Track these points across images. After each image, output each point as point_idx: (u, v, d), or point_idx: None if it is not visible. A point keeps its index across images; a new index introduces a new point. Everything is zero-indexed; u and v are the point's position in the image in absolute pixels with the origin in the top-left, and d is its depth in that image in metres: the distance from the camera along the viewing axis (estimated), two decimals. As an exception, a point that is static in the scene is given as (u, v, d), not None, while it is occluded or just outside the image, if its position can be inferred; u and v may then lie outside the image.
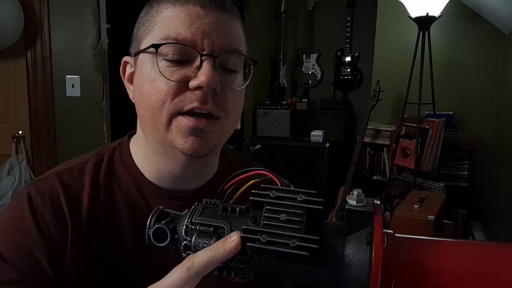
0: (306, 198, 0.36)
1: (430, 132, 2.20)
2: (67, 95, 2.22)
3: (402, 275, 0.32)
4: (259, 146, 2.94)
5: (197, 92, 0.53)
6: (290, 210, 0.35)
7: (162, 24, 0.54)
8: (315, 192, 0.36)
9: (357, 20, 3.31)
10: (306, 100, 3.42)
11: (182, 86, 0.53)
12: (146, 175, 0.62)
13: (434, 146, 2.19)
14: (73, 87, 2.22)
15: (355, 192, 0.35)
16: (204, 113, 0.54)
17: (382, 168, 2.77)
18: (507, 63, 2.39)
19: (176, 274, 0.40)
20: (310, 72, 3.63)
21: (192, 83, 0.52)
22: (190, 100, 0.53)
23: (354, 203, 0.35)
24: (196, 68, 0.53)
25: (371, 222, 0.33)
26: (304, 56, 3.61)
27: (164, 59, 0.53)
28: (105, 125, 2.25)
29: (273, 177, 0.40)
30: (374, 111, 2.56)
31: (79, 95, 2.22)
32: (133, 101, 0.60)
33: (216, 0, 0.55)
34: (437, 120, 2.20)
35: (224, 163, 0.70)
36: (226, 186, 0.43)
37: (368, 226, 0.33)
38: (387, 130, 2.67)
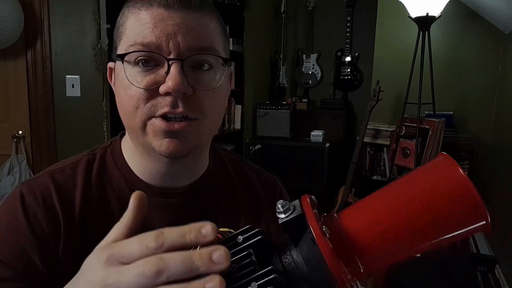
0: (245, 236, 0.36)
1: (430, 132, 2.20)
2: (67, 95, 2.22)
3: (347, 249, 0.34)
4: (259, 146, 2.94)
5: (167, 98, 0.53)
6: (238, 257, 0.35)
7: (129, 30, 0.54)
8: (249, 226, 0.36)
9: (357, 20, 3.31)
10: (306, 100, 3.42)
11: (153, 92, 0.53)
12: (137, 174, 0.62)
13: (434, 146, 2.19)
14: (73, 87, 2.21)
15: (279, 205, 0.35)
16: (177, 116, 0.54)
17: (382, 168, 2.77)
18: (507, 63, 2.39)
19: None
20: (310, 72, 3.63)
21: (161, 89, 0.52)
22: (161, 106, 0.53)
23: (283, 216, 0.35)
24: (165, 73, 0.52)
25: (306, 221, 0.33)
26: (304, 56, 3.62)
27: (135, 65, 0.53)
28: (105, 125, 2.25)
29: None
30: (374, 111, 2.56)
31: (79, 95, 2.22)
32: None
33: (181, 0, 0.53)
34: (437, 120, 2.20)
35: (216, 161, 0.71)
36: None
37: (307, 226, 0.34)
38: (387, 130, 2.67)
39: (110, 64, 0.62)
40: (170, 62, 0.52)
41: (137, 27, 0.53)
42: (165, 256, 0.32)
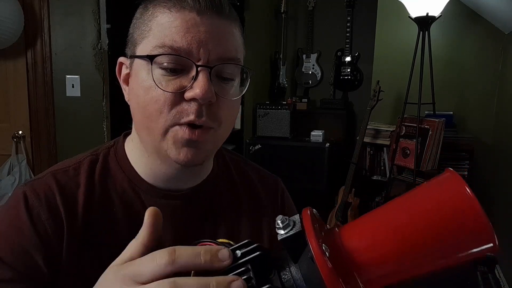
0: (243, 251, 0.35)
1: (430, 132, 2.20)
2: (67, 95, 2.22)
3: (350, 267, 0.33)
4: (259, 146, 2.94)
5: (193, 104, 0.52)
6: (235, 272, 0.35)
7: (157, 30, 0.52)
8: (248, 240, 0.36)
9: (357, 20, 3.31)
10: (306, 100, 3.42)
11: (178, 97, 0.52)
12: (141, 175, 0.62)
13: (434, 146, 2.19)
14: (73, 87, 2.21)
15: (278, 221, 0.34)
16: (199, 125, 0.54)
17: (382, 168, 2.77)
18: (507, 63, 2.39)
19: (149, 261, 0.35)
20: (310, 72, 3.63)
21: (187, 95, 0.52)
22: (187, 113, 0.53)
23: (282, 232, 0.34)
24: (192, 79, 0.52)
25: (306, 238, 0.33)
26: (304, 56, 3.62)
27: (160, 67, 0.52)
28: (105, 125, 2.25)
29: (211, 244, 0.38)
30: (374, 111, 2.56)
31: (79, 95, 2.22)
32: (128, 102, 0.60)
33: (214, 6, 0.53)
34: (437, 120, 2.20)
35: (220, 163, 0.71)
36: None
37: (307, 243, 0.33)
38: (387, 130, 2.67)
39: (122, 59, 0.60)
40: (198, 69, 0.51)
41: (166, 29, 0.52)
42: (179, 281, 0.32)
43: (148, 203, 0.61)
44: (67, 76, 2.21)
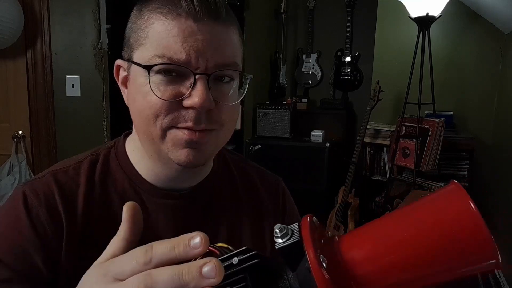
0: (241, 258, 0.35)
1: (430, 132, 2.20)
2: (67, 95, 2.22)
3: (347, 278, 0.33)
4: (259, 146, 2.94)
5: (191, 111, 0.52)
6: (232, 279, 0.34)
7: (154, 39, 0.52)
8: (246, 247, 0.35)
9: (357, 20, 3.31)
10: (306, 100, 3.42)
11: (176, 104, 0.52)
12: (142, 175, 0.62)
13: (434, 146, 2.19)
14: (73, 87, 2.22)
15: (276, 229, 0.34)
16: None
17: (382, 168, 2.77)
18: (507, 63, 2.39)
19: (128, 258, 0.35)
20: (310, 72, 3.63)
21: (186, 103, 0.52)
22: (185, 119, 0.53)
23: (280, 241, 0.34)
24: (190, 85, 0.52)
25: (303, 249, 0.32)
26: (304, 56, 3.61)
27: (157, 74, 0.52)
28: (105, 125, 2.25)
29: (209, 248, 0.38)
30: (374, 111, 2.56)
31: (79, 95, 2.22)
32: (127, 105, 0.60)
33: (210, 11, 0.52)
34: (437, 120, 2.20)
35: (220, 162, 0.71)
36: None
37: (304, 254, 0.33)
38: (387, 130, 2.67)
39: (119, 62, 0.60)
40: (196, 77, 0.51)
41: (164, 38, 0.51)
42: (153, 273, 0.32)
43: (148, 203, 0.61)
44: (67, 76, 2.21)
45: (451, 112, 2.55)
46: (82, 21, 2.18)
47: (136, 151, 0.63)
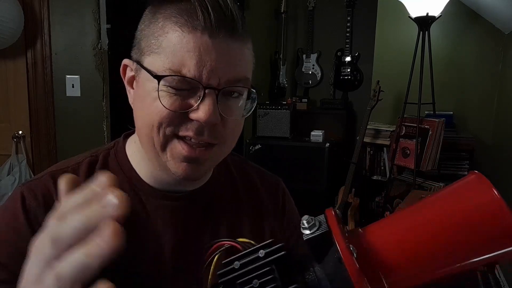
0: (267, 251, 0.35)
1: (430, 132, 2.20)
2: (67, 95, 2.22)
3: (376, 268, 0.33)
4: (259, 146, 2.94)
5: (194, 122, 0.52)
6: (259, 272, 0.34)
7: (169, 50, 0.51)
8: (272, 240, 0.36)
9: (357, 20, 3.31)
10: (306, 100, 3.42)
11: (182, 114, 0.52)
12: (142, 176, 0.62)
13: (434, 146, 2.19)
14: (73, 87, 2.21)
15: (304, 221, 0.34)
16: (200, 142, 0.54)
17: (382, 168, 2.77)
18: (507, 63, 2.39)
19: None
20: (310, 72, 3.62)
21: (192, 115, 0.52)
22: (186, 128, 0.53)
23: (308, 232, 0.34)
24: (199, 98, 0.51)
25: (333, 239, 0.33)
26: (304, 56, 3.61)
27: (167, 85, 0.51)
28: (105, 125, 2.25)
29: (231, 243, 0.38)
30: (374, 111, 2.56)
31: (79, 95, 2.22)
32: (132, 106, 0.59)
33: (227, 26, 0.51)
34: (437, 120, 2.20)
35: (220, 163, 0.71)
36: (204, 273, 0.41)
37: (333, 243, 0.33)
38: (387, 130, 2.67)
39: (126, 61, 0.59)
40: (206, 91, 0.51)
41: (178, 51, 0.50)
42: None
43: (148, 204, 0.61)
44: (67, 76, 2.21)
45: (451, 112, 2.55)
46: (82, 21, 2.18)
47: (137, 152, 0.63)
